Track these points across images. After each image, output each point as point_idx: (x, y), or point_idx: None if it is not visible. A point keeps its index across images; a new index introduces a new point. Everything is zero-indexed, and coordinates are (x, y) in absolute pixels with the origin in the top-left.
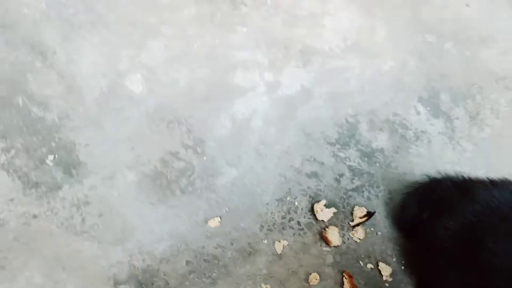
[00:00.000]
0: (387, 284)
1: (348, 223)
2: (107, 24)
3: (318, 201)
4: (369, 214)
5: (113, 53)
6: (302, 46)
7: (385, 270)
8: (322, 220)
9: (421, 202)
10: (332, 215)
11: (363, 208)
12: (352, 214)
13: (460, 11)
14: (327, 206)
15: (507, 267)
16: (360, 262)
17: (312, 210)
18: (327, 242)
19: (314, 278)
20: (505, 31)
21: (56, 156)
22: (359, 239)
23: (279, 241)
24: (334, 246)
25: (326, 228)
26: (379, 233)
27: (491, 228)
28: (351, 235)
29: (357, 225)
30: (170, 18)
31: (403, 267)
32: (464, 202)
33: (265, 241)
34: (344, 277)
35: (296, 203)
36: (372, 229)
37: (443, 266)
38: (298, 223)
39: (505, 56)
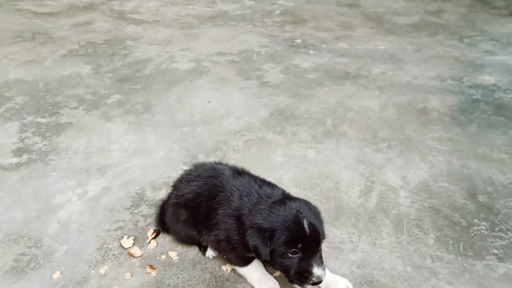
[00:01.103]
0: (176, 261)
1: (146, 242)
2: None
3: (122, 238)
4: (156, 232)
5: None
6: (99, 166)
7: (173, 254)
8: (129, 247)
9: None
10: (133, 241)
11: (152, 229)
12: (148, 236)
13: (205, 106)
14: (128, 238)
15: (204, 206)
16: (157, 257)
17: (121, 245)
18: (133, 256)
19: (128, 276)
20: (236, 109)
21: None
22: (154, 247)
23: (102, 268)
24: (139, 256)
25: (130, 249)
26: (167, 238)
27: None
28: (149, 247)
29: (151, 240)
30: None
31: (185, 249)
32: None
33: (93, 272)
34: (147, 267)
35: (110, 246)
36: (162, 239)
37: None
38: (113, 255)
39: (238, 120)
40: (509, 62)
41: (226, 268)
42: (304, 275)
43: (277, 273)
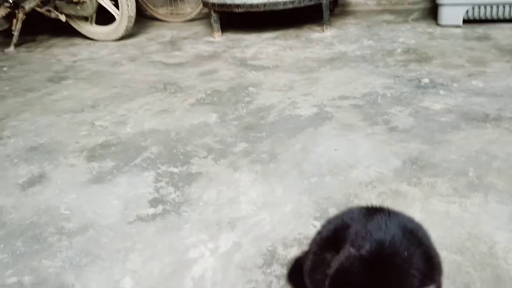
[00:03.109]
0: None
1: None
2: None
3: None
4: None
5: None
6: (229, 219)
7: None
8: None
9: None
10: None
11: None
12: None
13: (332, 155)
14: None
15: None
16: None
17: None
18: None
19: None
20: (365, 157)
21: None
22: None
23: None
24: None
25: None
26: None
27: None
28: None
29: None
30: (135, 230)
31: None
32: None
33: None
34: None
35: None
36: None
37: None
38: None
39: (368, 169)
40: None
41: None
42: None
43: None
